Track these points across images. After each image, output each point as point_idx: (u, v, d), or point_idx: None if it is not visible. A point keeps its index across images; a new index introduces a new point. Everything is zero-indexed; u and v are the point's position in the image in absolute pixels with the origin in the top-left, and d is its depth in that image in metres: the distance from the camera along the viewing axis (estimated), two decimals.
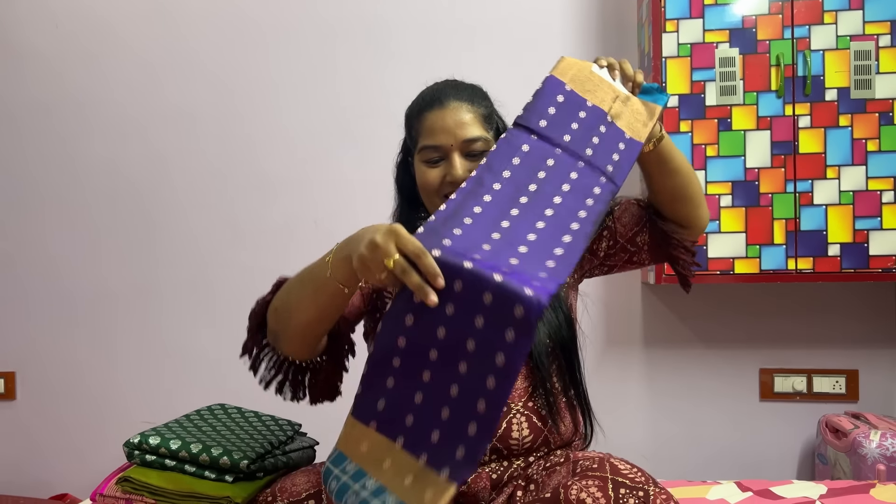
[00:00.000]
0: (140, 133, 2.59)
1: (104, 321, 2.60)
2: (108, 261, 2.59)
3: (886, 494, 1.63)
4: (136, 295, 2.58)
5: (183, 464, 1.14)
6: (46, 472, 2.61)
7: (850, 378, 2.40)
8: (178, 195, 2.58)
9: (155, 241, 2.58)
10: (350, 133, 2.52)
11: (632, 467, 1.11)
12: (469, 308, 0.87)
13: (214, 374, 2.55)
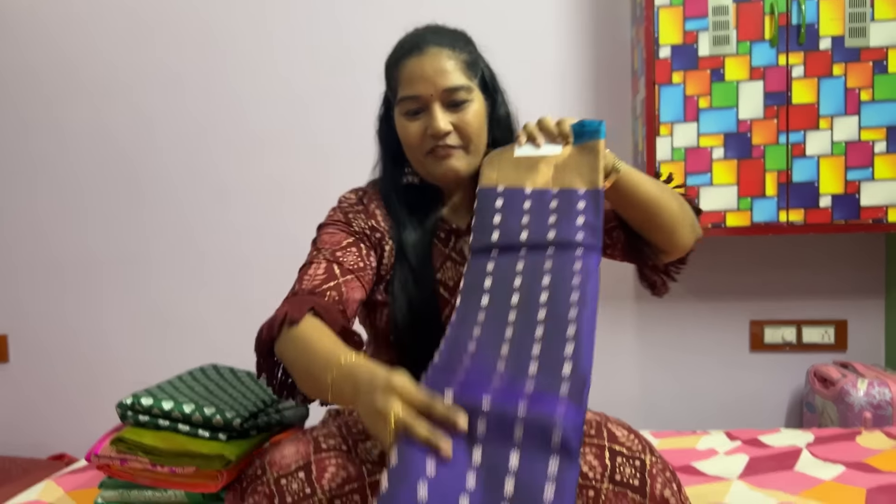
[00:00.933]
0: (125, 95, 2.54)
1: (93, 284, 2.59)
2: (95, 224, 2.57)
3: (872, 441, 1.66)
4: (125, 257, 2.57)
5: (176, 423, 1.14)
6: (42, 433, 2.63)
7: (839, 328, 2.42)
8: (165, 157, 2.55)
9: (142, 203, 2.56)
10: (337, 90, 2.48)
11: (628, 433, 1.10)
12: (499, 448, 0.81)
13: (205, 336, 2.55)
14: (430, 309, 1.19)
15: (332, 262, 1.17)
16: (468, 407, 0.84)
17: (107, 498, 1.16)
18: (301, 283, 1.15)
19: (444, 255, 1.24)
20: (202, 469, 1.12)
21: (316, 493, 1.03)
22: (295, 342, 1.03)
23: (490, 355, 0.93)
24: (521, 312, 0.97)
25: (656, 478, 1.04)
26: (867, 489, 1.38)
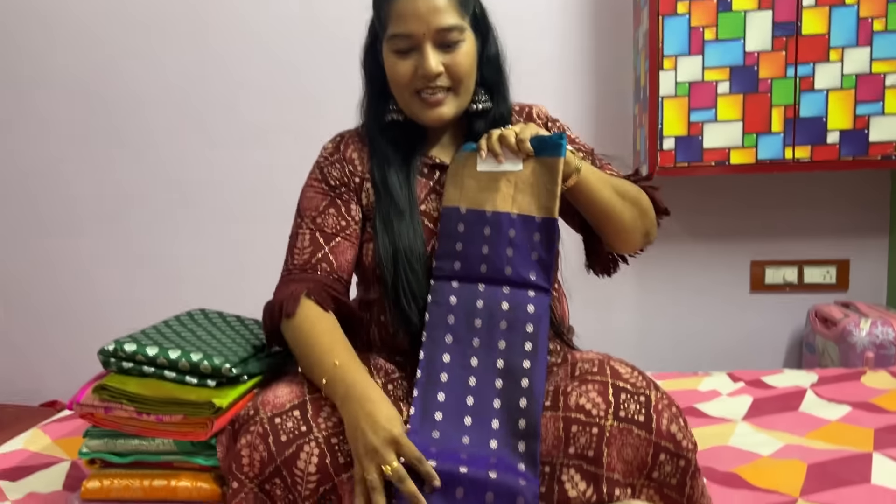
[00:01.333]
0: (107, 37, 2.44)
1: (79, 231, 2.52)
2: (79, 171, 2.50)
3: (877, 381, 1.63)
4: (110, 204, 2.50)
5: (162, 370, 1.09)
6: (33, 380, 2.60)
7: (841, 268, 2.38)
8: (147, 100, 2.46)
9: (124, 146, 2.48)
10: (323, 29, 2.37)
11: (632, 371, 1.07)
12: None
13: (195, 281, 2.50)
14: (414, 241, 1.16)
15: (315, 231, 1.19)
16: (447, 473, 0.96)
17: (92, 447, 1.12)
18: (292, 259, 1.19)
19: (429, 188, 1.22)
20: (190, 417, 1.07)
21: (312, 432, 1.00)
22: (292, 334, 1.10)
23: (458, 411, 1.05)
24: (481, 359, 1.07)
25: (662, 413, 1.01)
26: (875, 429, 1.35)
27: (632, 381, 1.04)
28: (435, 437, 1.02)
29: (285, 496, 1.00)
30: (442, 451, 0.99)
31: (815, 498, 1.10)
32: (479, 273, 1.11)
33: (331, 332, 1.09)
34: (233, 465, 1.02)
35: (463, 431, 1.03)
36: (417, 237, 1.16)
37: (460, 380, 1.07)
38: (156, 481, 1.09)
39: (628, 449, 1.00)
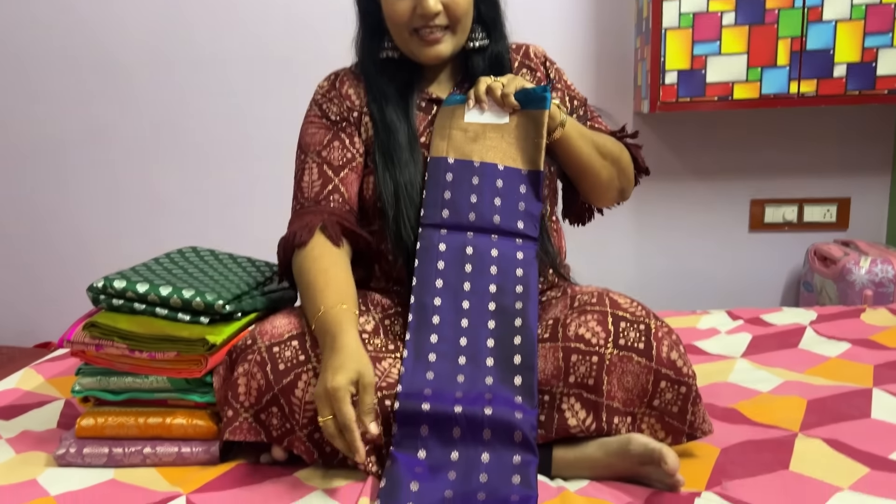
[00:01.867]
0: None
1: (64, 167, 2.46)
2: (62, 105, 2.42)
3: (876, 318, 1.62)
4: (94, 138, 2.44)
5: (153, 307, 1.07)
6: (24, 321, 2.58)
7: (842, 206, 2.35)
8: (133, 33, 2.36)
9: (108, 81, 2.40)
10: None
11: (631, 301, 1.07)
12: (472, 447, 0.96)
13: (185, 219, 2.47)
14: (415, 175, 1.16)
15: (322, 164, 1.18)
16: (442, 414, 0.96)
17: (85, 385, 1.10)
18: (303, 193, 1.18)
19: (427, 122, 1.22)
20: (184, 354, 1.05)
21: (310, 361, 1.00)
22: (297, 268, 1.10)
23: (451, 352, 1.04)
24: (473, 302, 1.07)
25: (662, 340, 1.01)
26: (874, 365, 1.34)
27: (631, 310, 1.03)
28: (429, 378, 1.02)
29: (281, 425, 1.00)
30: (436, 393, 0.99)
31: (814, 433, 1.10)
32: (468, 221, 1.12)
33: (326, 271, 1.07)
34: (229, 394, 1.02)
35: (457, 371, 1.03)
36: (418, 171, 1.16)
37: (453, 322, 1.06)
38: (150, 419, 1.08)
39: (628, 377, 0.99)
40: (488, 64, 1.23)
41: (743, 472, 0.99)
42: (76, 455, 1.07)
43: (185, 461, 1.07)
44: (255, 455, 1.08)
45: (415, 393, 0.99)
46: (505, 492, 0.92)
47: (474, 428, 0.97)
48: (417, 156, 1.16)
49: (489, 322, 1.06)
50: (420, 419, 0.98)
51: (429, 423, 0.97)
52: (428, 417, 0.97)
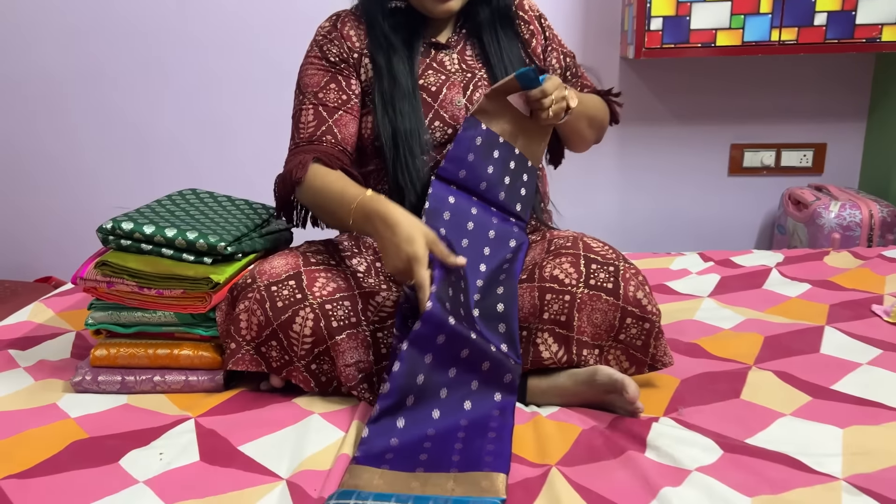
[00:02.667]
0: None
1: (59, 105, 2.48)
2: (55, 42, 2.42)
3: (838, 261, 1.72)
4: (87, 76, 2.45)
5: (159, 248, 1.14)
6: (25, 256, 2.65)
7: (818, 151, 2.43)
8: None
9: (101, 16, 2.39)
10: None
11: (603, 245, 1.15)
12: (469, 371, 1.03)
13: (181, 157, 2.51)
14: (415, 124, 1.21)
15: (318, 106, 1.23)
16: (460, 333, 1.00)
17: (97, 318, 1.19)
18: (299, 134, 1.24)
19: (426, 65, 1.27)
20: (189, 291, 1.14)
21: (307, 299, 1.08)
22: (310, 193, 1.16)
23: (455, 295, 1.07)
24: (469, 256, 1.15)
25: (629, 281, 1.11)
26: (829, 305, 1.45)
27: (602, 253, 1.13)
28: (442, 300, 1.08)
29: (281, 357, 1.09)
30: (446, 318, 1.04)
31: (767, 366, 1.20)
32: (479, 189, 1.20)
33: (337, 179, 1.14)
34: (231, 329, 1.10)
35: (462, 306, 1.08)
36: (418, 119, 1.21)
37: (449, 271, 1.10)
38: (159, 350, 1.17)
39: (597, 314, 1.09)
40: (495, 16, 1.28)
41: (698, 400, 1.10)
42: (91, 382, 1.16)
43: (192, 388, 1.16)
44: (256, 383, 1.18)
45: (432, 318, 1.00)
46: (482, 434, 0.99)
47: (479, 358, 1.03)
48: (418, 103, 1.22)
49: (478, 280, 1.16)
50: (431, 341, 1.00)
51: (435, 349, 1.00)
52: (442, 333, 0.99)
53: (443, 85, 1.25)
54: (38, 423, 1.07)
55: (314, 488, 0.89)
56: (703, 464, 0.92)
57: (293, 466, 0.94)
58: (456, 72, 1.27)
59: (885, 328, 1.33)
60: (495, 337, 1.09)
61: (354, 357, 1.07)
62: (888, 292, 1.50)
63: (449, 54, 1.28)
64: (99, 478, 0.93)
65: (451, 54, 1.28)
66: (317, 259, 1.15)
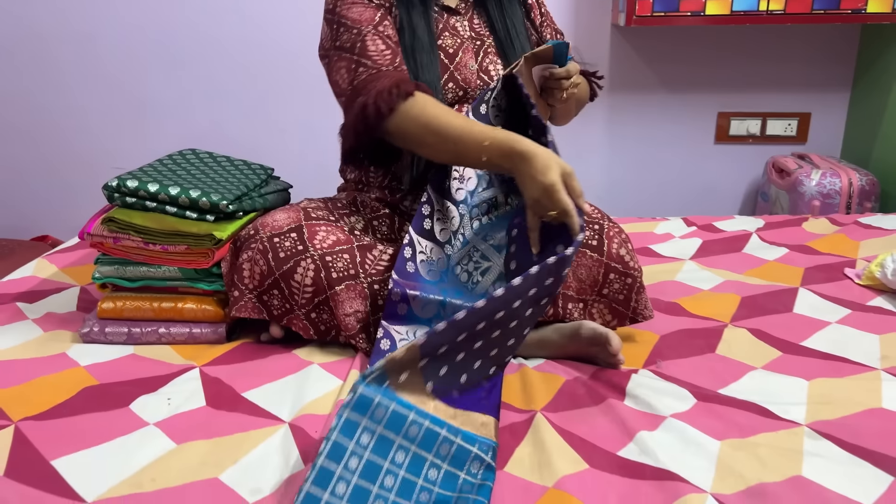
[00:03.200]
0: None
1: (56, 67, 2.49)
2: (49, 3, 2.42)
3: (817, 227, 1.79)
4: (82, 37, 2.45)
5: (163, 205, 1.18)
6: (21, 216, 2.67)
7: (803, 121, 2.48)
8: None
9: None
10: None
11: (589, 205, 1.20)
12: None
13: (178, 119, 2.52)
14: (434, 75, 1.22)
15: (384, 37, 1.17)
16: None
17: (103, 273, 1.23)
18: (373, 61, 1.14)
19: (441, 26, 1.29)
20: (193, 247, 1.19)
21: (308, 250, 1.13)
22: (420, 121, 1.08)
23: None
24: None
25: (612, 239, 1.18)
26: (805, 268, 1.51)
27: (587, 212, 1.17)
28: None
29: (282, 305, 1.15)
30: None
31: (742, 323, 1.27)
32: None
33: (456, 112, 1.11)
34: (234, 278, 1.16)
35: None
36: (436, 74, 1.23)
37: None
38: (164, 303, 1.22)
39: (582, 269, 1.15)
40: None
41: (675, 354, 1.16)
42: (99, 333, 1.21)
43: (195, 340, 1.22)
44: (257, 336, 1.24)
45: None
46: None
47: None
48: (436, 59, 1.24)
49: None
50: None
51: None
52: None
53: (459, 48, 1.27)
54: (49, 371, 1.12)
55: (315, 430, 0.95)
56: (677, 411, 0.99)
57: (294, 411, 1.01)
58: (468, 38, 1.30)
59: (856, 290, 1.40)
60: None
61: (353, 307, 1.13)
62: (861, 257, 1.56)
63: (460, 20, 1.31)
64: (111, 420, 0.99)
65: (462, 20, 1.31)
66: (317, 214, 1.20)
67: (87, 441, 0.94)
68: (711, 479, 0.85)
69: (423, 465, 0.86)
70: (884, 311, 1.30)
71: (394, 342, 1.11)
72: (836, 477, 0.85)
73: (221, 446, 0.93)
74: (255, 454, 0.91)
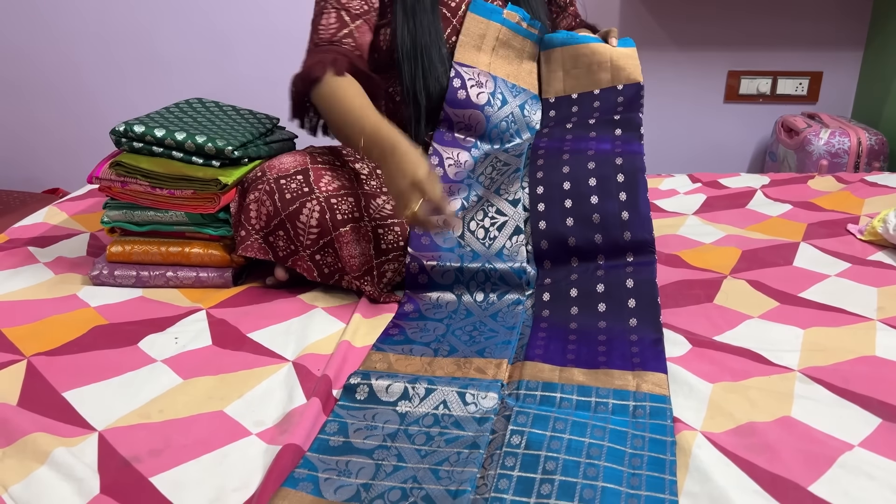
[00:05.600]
0: None
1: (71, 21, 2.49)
2: None
3: (822, 185, 1.78)
4: None
5: (170, 150, 1.20)
6: (32, 169, 2.70)
7: (814, 80, 2.46)
8: None
9: None
10: None
11: None
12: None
13: (184, 72, 2.53)
14: (436, 38, 1.25)
15: (341, 10, 1.25)
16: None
17: (112, 217, 1.26)
18: (318, 35, 1.25)
19: None
20: (200, 192, 1.20)
21: (314, 192, 1.15)
22: (325, 99, 1.18)
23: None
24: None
25: None
26: (808, 224, 1.51)
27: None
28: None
29: (287, 246, 1.17)
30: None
31: (741, 276, 1.28)
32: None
33: (361, 95, 1.18)
34: (241, 218, 1.18)
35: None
36: (437, 32, 1.26)
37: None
38: (171, 248, 1.24)
39: None
40: None
41: (674, 303, 1.18)
42: (108, 276, 1.24)
43: (202, 284, 1.24)
44: (262, 281, 1.26)
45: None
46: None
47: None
48: (437, 17, 1.26)
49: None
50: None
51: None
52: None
53: (462, 1, 1.29)
54: (60, 311, 1.15)
55: (317, 368, 0.98)
56: (671, 355, 1.00)
57: (298, 351, 1.03)
58: None
59: (857, 245, 1.40)
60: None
61: (357, 249, 1.15)
62: (864, 213, 1.56)
63: None
64: (120, 357, 1.02)
65: None
66: (323, 159, 1.22)
67: (96, 375, 0.97)
68: (702, 419, 0.87)
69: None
70: (884, 265, 1.31)
71: (417, 305, 1.15)
72: (825, 418, 0.86)
73: (227, 382, 0.96)
74: (259, 389, 0.94)
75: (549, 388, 0.92)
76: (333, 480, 0.76)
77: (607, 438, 0.81)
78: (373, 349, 1.03)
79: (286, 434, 0.84)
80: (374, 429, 0.85)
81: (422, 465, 0.79)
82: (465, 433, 0.84)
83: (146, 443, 0.84)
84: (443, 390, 0.90)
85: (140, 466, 0.80)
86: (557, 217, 1.18)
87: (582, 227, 1.17)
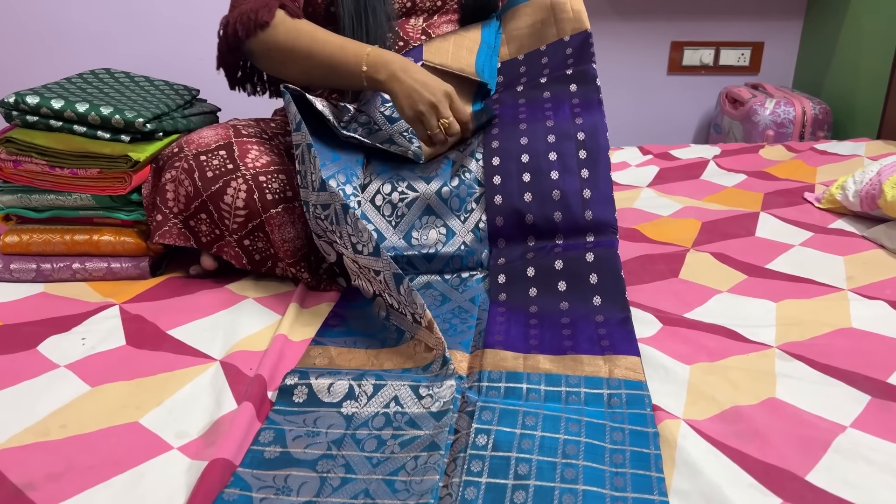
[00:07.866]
0: None
1: None
2: None
3: (772, 154, 1.75)
4: None
5: (71, 124, 1.05)
6: None
7: (756, 50, 2.43)
8: None
9: None
10: None
11: None
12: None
13: (96, 47, 2.32)
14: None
15: None
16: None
17: (5, 202, 1.09)
18: None
19: None
20: (107, 171, 1.06)
21: (239, 169, 1.02)
22: (289, 40, 1.04)
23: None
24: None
25: None
26: (764, 193, 1.47)
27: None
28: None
29: (211, 231, 1.03)
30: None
31: (704, 248, 1.21)
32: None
33: (328, 32, 1.06)
34: (157, 200, 1.04)
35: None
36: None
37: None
38: (77, 236, 1.09)
39: None
40: None
41: (637, 280, 1.10)
42: (4, 270, 1.08)
43: (115, 276, 1.10)
44: (185, 270, 1.12)
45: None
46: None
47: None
48: None
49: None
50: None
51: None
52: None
53: None
54: None
55: (249, 368, 0.86)
56: (642, 336, 0.92)
57: (226, 348, 0.91)
58: None
59: (816, 213, 1.36)
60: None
61: (291, 232, 1.02)
62: (819, 181, 1.53)
63: None
64: (15, 363, 0.87)
65: None
66: (248, 132, 1.08)
67: None
68: (683, 405, 0.79)
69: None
70: (846, 232, 1.26)
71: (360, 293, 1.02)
72: (811, 397, 0.80)
73: (143, 387, 0.83)
74: (182, 395, 0.82)
75: (514, 379, 0.82)
76: (270, 500, 0.65)
77: (584, 433, 0.72)
78: (312, 343, 0.91)
79: (213, 447, 0.72)
80: (317, 435, 0.74)
81: (374, 475, 0.68)
82: (423, 432, 0.74)
83: (43, 466, 0.70)
84: (393, 385, 0.80)
85: (35, 495, 0.66)
86: (515, 192, 1.08)
87: (541, 203, 1.07)
